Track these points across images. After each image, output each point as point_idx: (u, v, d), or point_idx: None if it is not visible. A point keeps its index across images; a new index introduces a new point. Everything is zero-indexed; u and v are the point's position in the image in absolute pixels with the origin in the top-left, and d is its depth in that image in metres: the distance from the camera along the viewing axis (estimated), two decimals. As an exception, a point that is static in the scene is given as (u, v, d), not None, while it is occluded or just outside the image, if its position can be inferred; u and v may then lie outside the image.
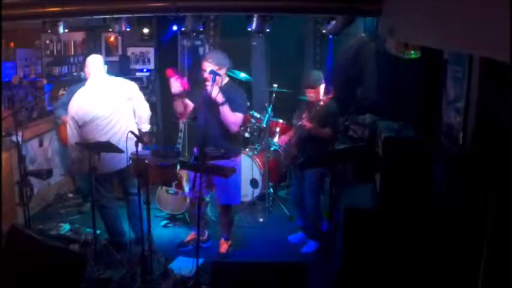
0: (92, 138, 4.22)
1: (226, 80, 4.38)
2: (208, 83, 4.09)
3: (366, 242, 3.67)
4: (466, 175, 3.08)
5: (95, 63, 4.40)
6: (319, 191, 4.68)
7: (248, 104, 5.01)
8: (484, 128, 2.94)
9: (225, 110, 4.18)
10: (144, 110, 4.58)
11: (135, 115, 4.53)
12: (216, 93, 4.12)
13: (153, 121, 4.77)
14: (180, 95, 4.25)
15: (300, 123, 4.47)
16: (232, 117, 4.23)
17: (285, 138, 4.70)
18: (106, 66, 4.48)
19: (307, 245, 4.76)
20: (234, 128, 4.31)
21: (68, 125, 4.35)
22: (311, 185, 4.57)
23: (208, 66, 4.20)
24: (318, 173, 4.56)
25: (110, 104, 4.31)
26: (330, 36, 5.23)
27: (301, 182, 4.66)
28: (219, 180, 4.30)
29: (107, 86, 4.40)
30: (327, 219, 4.75)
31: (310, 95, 4.48)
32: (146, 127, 4.64)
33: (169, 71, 4.24)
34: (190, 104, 4.37)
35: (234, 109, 4.23)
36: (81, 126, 4.26)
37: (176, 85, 4.17)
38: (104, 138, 4.17)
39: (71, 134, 4.31)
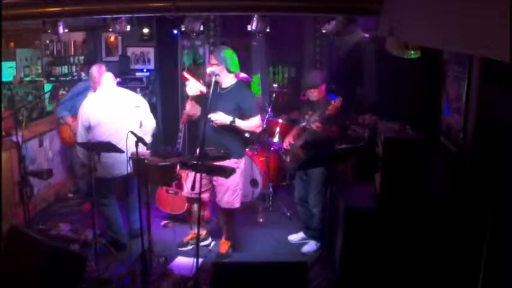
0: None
1: (234, 81, 4.26)
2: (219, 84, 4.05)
3: (365, 241, 3.67)
4: (466, 175, 3.08)
5: (107, 77, 4.49)
6: (324, 192, 4.66)
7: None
8: (484, 128, 2.94)
9: (240, 126, 4.12)
10: (149, 122, 4.63)
11: (141, 124, 4.56)
12: (221, 119, 4.04)
13: (154, 131, 4.80)
14: (196, 98, 4.19)
15: (304, 124, 4.44)
16: (251, 126, 4.20)
17: (290, 139, 4.67)
18: (115, 82, 4.59)
19: (307, 244, 4.75)
20: (258, 130, 4.42)
21: (77, 129, 4.41)
22: (317, 186, 4.55)
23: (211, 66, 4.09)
24: (324, 175, 4.54)
25: (117, 110, 4.37)
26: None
27: (305, 182, 4.65)
28: (218, 184, 4.26)
29: (116, 93, 4.49)
30: (327, 219, 4.74)
31: (313, 94, 4.48)
32: (148, 139, 4.60)
33: (184, 76, 4.30)
34: (199, 108, 4.31)
35: (246, 116, 4.14)
36: (89, 130, 4.30)
37: (194, 87, 4.13)
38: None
39: (80, 138, 4.36)
